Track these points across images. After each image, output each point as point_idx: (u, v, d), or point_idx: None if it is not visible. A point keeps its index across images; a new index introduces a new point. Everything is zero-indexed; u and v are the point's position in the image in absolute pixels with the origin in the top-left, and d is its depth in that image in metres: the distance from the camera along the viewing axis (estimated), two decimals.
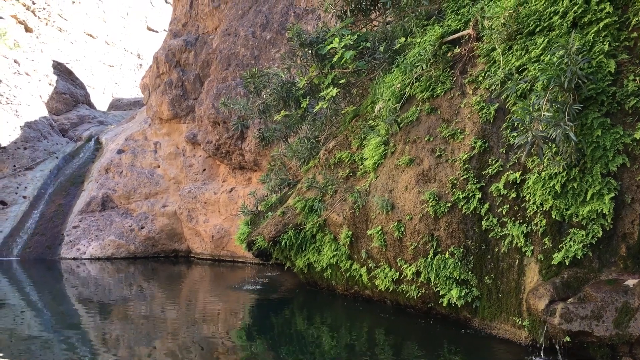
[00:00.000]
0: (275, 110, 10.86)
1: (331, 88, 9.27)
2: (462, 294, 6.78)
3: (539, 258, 5.99)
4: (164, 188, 19.21)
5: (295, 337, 7.14)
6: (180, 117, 19.59)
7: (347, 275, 9.08)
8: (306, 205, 9.70)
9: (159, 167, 19.71)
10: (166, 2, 41.62)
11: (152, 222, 18.40)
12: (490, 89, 6.82)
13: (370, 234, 8.21)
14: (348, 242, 8.82)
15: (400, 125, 7.97)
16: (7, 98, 21.36)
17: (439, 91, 7.57)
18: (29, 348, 6.32)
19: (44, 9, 30.04)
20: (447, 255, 6.99)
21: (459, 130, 7.09)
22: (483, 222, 6.60)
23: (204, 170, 18.48)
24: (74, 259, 17.37)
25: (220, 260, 17.08)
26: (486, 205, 6.57)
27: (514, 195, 6.24)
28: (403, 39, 8.64)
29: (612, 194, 5.33)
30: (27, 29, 28.89)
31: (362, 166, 8.94)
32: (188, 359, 5.87)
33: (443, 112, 7.45)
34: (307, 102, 10.35)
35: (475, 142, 6.77)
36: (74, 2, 32.96)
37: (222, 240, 16.87)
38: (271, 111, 11.07)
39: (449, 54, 7.72)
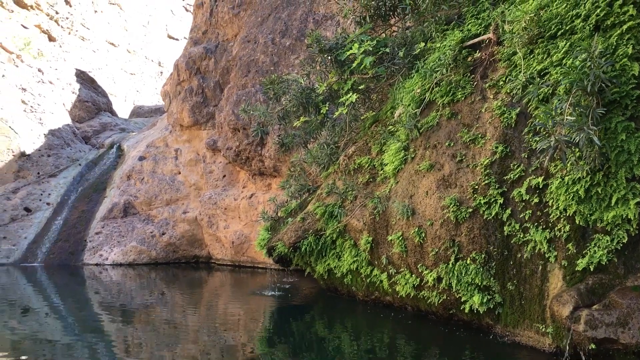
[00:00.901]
0: (295, 117, 10.90)
1: (351, 94, 9.28)
2: (484, 300, 6.72)
3: (562, 264, 5.91)
4: (184, 194, 19.36)
5: (316, 343, 7.12)
6: (200, 123, 19.75)
7: (368, 281, 9.06)
8: (326, 211, 9.70)
9: (179, 173, 19.89)
10: (186, 10, 42.08)
11: (173, 228, 18.56)
12: (511, 93, 6.76)
13: (391, 240, 8.18)
14: (368, 248, 8.80)
15: (421, 131, 7.95)
16: (32, 106, 21.74)
17: (459, 96, 7.53)
18: (52, 352, 6.40)
19: (67, 18, 30.56)
20: (468, 261, 6.93)
21: (479, 135, 7.05)
22: (505, 228, 6.54)
23: (224, 176, 18.59)
24: (96, 264, 17.58)
25: (241, 266, 17.15)
26: (508, 211, 6.50)
27: (536, 200, 6.17)
28: (422, 44, 8.62)
29: (638, 199, 5.24)
30: (51, 38, 29.40)
31: (382, 172, 8.92)
32: None
33: (464, 116, 7.41)
34: (327, 108, 10.37)
35: (496, 147, 6.71)
36: (96, 12, 33.48)
37: (242, 246, 16.94)
38: (291, 117, 11.11)
39: (469, 59, 7.69)
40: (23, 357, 6.00)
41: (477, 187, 6.87)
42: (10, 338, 7.15)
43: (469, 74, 7.60)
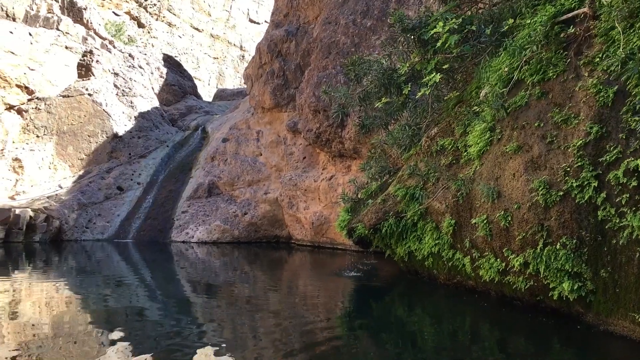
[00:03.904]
0: (376, 98, 10.79)
1: (434, 74, 9.06)
2: (575, 287, 6.44)
3: None
4: (265, 175, 19.77)
5: (395, 325, 7.11)
6: (281, 106, 20.03)
7: (450, 264, 8.91)
8: (407, 193, 9.60)
9: (261, 155, 20.31)
10: None
11: (254, 209, 19.02)
12: (608, 71, 6.38)
13: (475, 223, 7.99)
14: (451, 231, 8.64)
15: (508, 111, 7.67)
16: (123, 90, 22.82)
17: (550, 74, 7.19)
18: (142, 324, 6.76)
19: (155, 5, 31.71)
20: (558, 247, 6.65)
21: (572, 115, 6.71)
22: (599, 212, 6.21)
23: (304, 158, 18.80)
24: (183, 242, 18.35)
25: (320, 247, 17.35)
26: (603, 195, 6.17)
27: (634, 184, 5.81)
28: (511, 21, 8.27)
29: None
30: (140, 25, 30.63)
31: (465, 153, 8.71)
32: (289, 342, 6.02)
33: (555, 96, 7.07)
34: (409, 89, 10.20)
35: (591, 128, 6.37)
36: None
37: (321, 227, 17.12)
38: (372, 98, 11.01)
39: (562, 35, 7.30)
40: (116, 328, 6.37)
41: (569, 169, 6.56)
42: (105, 309, 7.61)
43: (561, 51, 7.22)
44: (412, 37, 9.66)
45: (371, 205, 10.61)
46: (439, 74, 9.10)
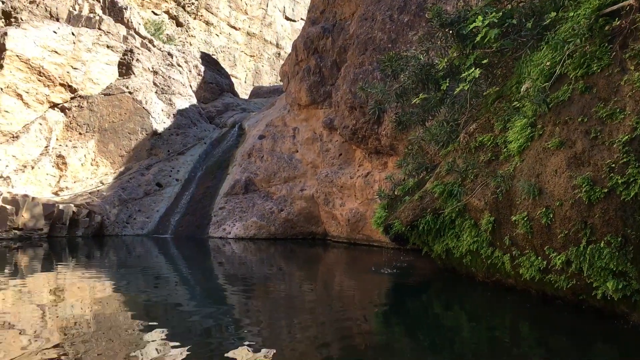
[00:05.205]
0: (413, 94, 10.70)
1: (473, 69, 8.93)
2: (620, 286, 6.26)
3: None
4: (301, 172, 19.84)
5: (433, 323, 7.05)
6: (317, 102, 20.05)
7: (488, 262, 8.78)
8: (445, 190, 9.50)
9: (297, 151, 20.39)
10: None
11: (290, 205, 19.12)
12: None
13: (515, 220, 7.86)
14: (490, 228, 8.51)
15: (550, 106, 7.50)
16: (162, 88, 23.20)
17: (594, 68, 7.00)
18: (180, 318, 6.86)
19: (192, 3, 32.13)
20: (602, 245, 6.48)
21: (617, 110, 6.52)
22: None
23: (340, 154, 18.80)
24: (220, 238, 18.58)
25: (356, 244, 17.33)
26: None
27: None
28: (554, 14, 8.09)
29: None
30: (178, 24, 31.08)
31: (505, 149, 8.56)
32: (325, 338, 6.03)
33: (599, 90, 6.88)
34: (447, 85, 10.08)
35: (637, 123, 6.18)
36: None
37: (357, 224, 17.09)
38: (409, 95, 10.92)
39: (606, 28, 7.09)
40: (154, 322, 6.49)
41: (613, 165, 6.38)
42: (144, 303, 7.77)
43: (606, 44, 7.03)
44: (451, 32, 9.55)
45: (408, 202, 10.54)
46: (478, 69, 8.96)
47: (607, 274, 6.42)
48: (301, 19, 41.30)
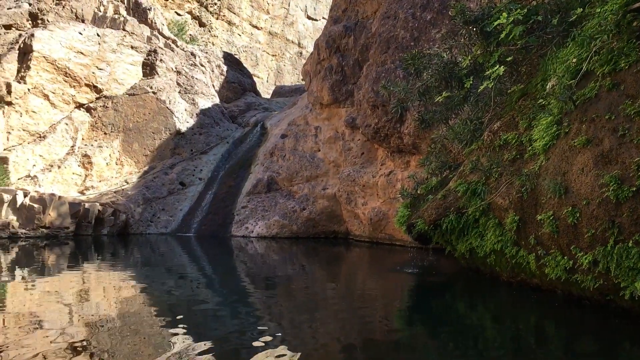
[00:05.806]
0: (436, 92, 10.63)
1: (497, 66, 8.85)
2: None
3: None
4: (323, 171, 19.85)
5: (456, 323, 6.99)
6: (339, 101, 20.04)
7: (513, 262, 8.69)
8: (469, 189, 9.42)
9: (319, 150, 20.40)
10: None
11: (312, 204, 19.14)
12: None
13: (540, 219, 7.75)
14: (514, 228, 8.42)
15: (576, 103, 7.39)
16: (186, 88, 23.41)
17: (622, 65, 6.88)
18: (203, 316, 6.92)
19: (215, 3, 32.35)
20: (630, 244, 6.37)
21: None
22: None
23: (362, 153, 18.76)
24: (242, 236, 18.68)
25: (378, 243, 17.28)
26: None
27: None
28: (580, 10, 7.97)
29: None
30: (201, 24, 31.32)
31: (530, 148, 8.45)
32: (347, 336, 6.03)
33: (627, 87, 6.76)
34: (471, 82, 9.99)
35: None
36: None
37: (380, 223, 17.04)
38: (432, 93, 10.85)
39: (634, 24, 6.97)
40: (179, 318, 6.54)
41: None
42: (168, 301, 7.84)
43: (634, 41, 6.90)
44: (474, 29, 9.46)
45: (431, 201, 10.47)
46: (502, 66, 8.88)
47: (635, 274, 6.30)
48: (323, 17, 41.31)
